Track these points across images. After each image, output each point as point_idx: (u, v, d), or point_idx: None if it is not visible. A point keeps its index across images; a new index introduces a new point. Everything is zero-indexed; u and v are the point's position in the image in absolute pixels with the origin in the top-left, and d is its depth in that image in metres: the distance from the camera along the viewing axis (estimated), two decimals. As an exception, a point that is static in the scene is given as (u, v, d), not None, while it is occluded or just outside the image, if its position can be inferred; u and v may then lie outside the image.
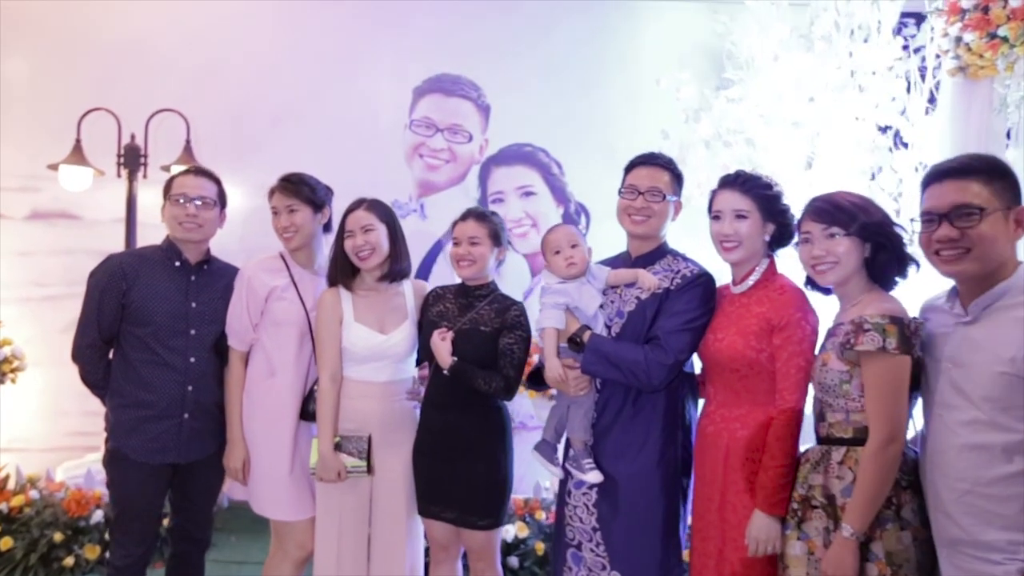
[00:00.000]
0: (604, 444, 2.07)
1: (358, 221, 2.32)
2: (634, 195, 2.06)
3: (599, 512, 2.06)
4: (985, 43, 2.69)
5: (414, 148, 4.38)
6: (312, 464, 2.25)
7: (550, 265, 2.14)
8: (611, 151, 4.33)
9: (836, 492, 1.64)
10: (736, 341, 1.86)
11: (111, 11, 4.18)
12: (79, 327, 2.28)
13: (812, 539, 1.69)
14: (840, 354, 1.66)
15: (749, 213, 1.88)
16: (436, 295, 2.41)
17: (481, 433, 2.26)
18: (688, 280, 2.00)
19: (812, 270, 1.76)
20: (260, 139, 4.33)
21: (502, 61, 4.36)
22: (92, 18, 4.17)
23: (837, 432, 1.68)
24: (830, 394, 1.69)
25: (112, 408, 2.29)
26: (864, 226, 1.69)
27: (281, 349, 2.36)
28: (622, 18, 4.37)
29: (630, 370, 1.96)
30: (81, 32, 4.17)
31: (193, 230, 2.33)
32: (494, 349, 2.24)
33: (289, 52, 4.32)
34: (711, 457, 1.92)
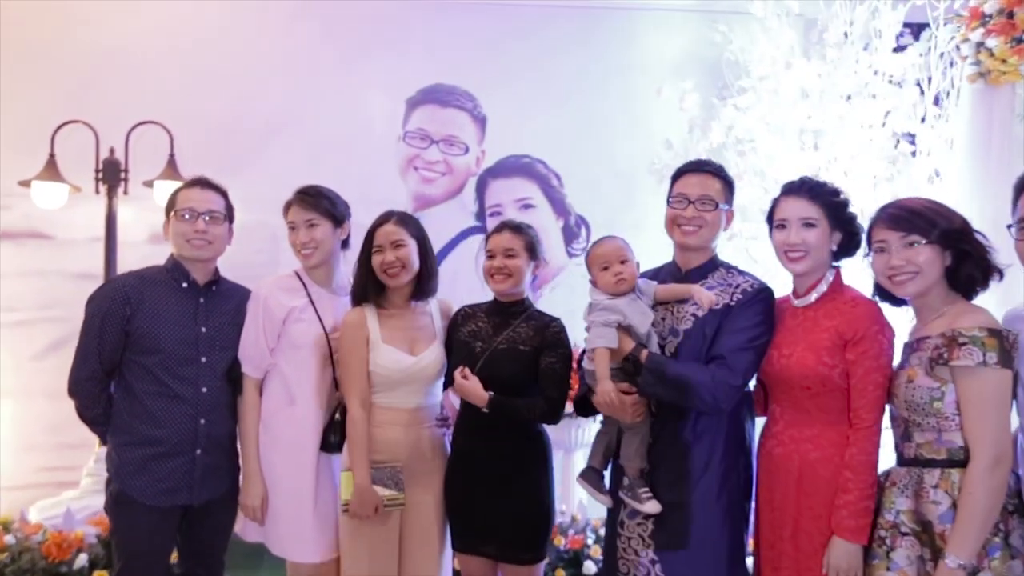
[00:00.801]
0: (661, 471, 1.94)
1: (388, 236, 2.17)
2: (684, 204, 1.95)
3: (656, 544, 1.93)
4: (1010, 48, 2.67)
5: (408, 160, 4.23)
6: (344, 499, 2.08)
7: (596, 281, 2.01)
8: (611, 162, 4.28)
9: (933, 518, 1.54)
10: (807, 357, 1.75)
11: (87, 18, 3.95)
12: (77, 358, 2.07)
13: (903, 569, 1.58)
14: (929, 369, 1.57)
15: (817, 221, 1.78)
16: (465, 314, 2.26)
17: (523, 461, 2.12)
18: (750, 295, 1.89)
19: (889, 281, 1.67)
20: (247, 153, 4.13)
21: (497, 71, 4.25)
22: (67, 25, 3.93)
23: (927, 453, 1.59)
24: (918, 413, 1.59)
25: (116, 447, 2.08)
26: (945, 233, 1.61)
27: (301, 375, 2.19)
28: (619, 27, 4.30)
29: (695, 392, 1.84)
30: (55, 40, 3.92)
31: (203, 247, 2.14)
32: (534, 369, 2.11)
33: (276, 63, 4.14)
34: (781, 481, 1.81)
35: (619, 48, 4.31)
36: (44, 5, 3.91)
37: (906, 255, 1.63)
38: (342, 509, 2.09)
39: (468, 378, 2.09)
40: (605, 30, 4.30)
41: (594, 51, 4.30)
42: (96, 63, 3.92)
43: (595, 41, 4.30)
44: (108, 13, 3.96)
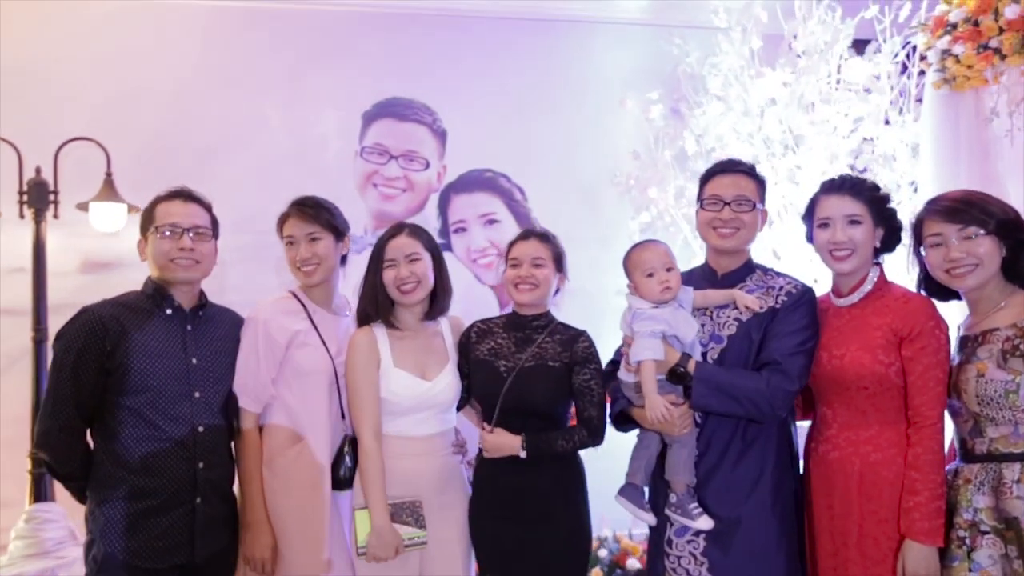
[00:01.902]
0: (710, 485, 1.86)
1: (402, 249, 2.00)
2: (719, 206, 1.89)
3: (710, 561, 1.83)
4: (976, 54, 2.78)
5: (367, 177, 4.02)
6: (361, 542, 1.87)
7: (639, 288, 1.91)
8: (573, 175, 4.22)
9: (1019, 514, 1.52)
10: (862, 357, 1.71)
11: (5, 26, 3.56)
12: (46, 406, 1.78)
13: (987, 569, 1.55)
14: (1002, 362, 1.56)
15: (862, 218, 1.76)
16: (480, 330, 2.11)
17: (559, 489, 1.98)
18: (795, 297, 1.84)
19: (947, 275, 1.66)
20: (190, 171, 3.78)
21: (456, 84, 4.13)
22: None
23: (1003, 447, 1.57)
24: (992, 407, 1.57)
25: (99, 503, 1.78)
26: (1002, 223, 1.61)
27: (309, 405, 1.97)
28: (578, 40, 4.27)
29: (750, 400, 1.76)
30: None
31: (190, 267, 1.90)
32: (566, 386, 1.98)
33: (221, 74, 3.86)
34: (840, 486, 1.75)
35: (578, 61, 4.28)
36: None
37: (966, 247, 1.62)
38: (359, 552, 1.88)
39: (494, 432, 1.94)
40: (564, 43, 4.26)
41: (553, 64, 4.25)
42: (17, 79, 3.54)
43: (554, 54, 4.25)
44: (30, 21, 3.59)
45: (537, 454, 1.91)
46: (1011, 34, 2.64)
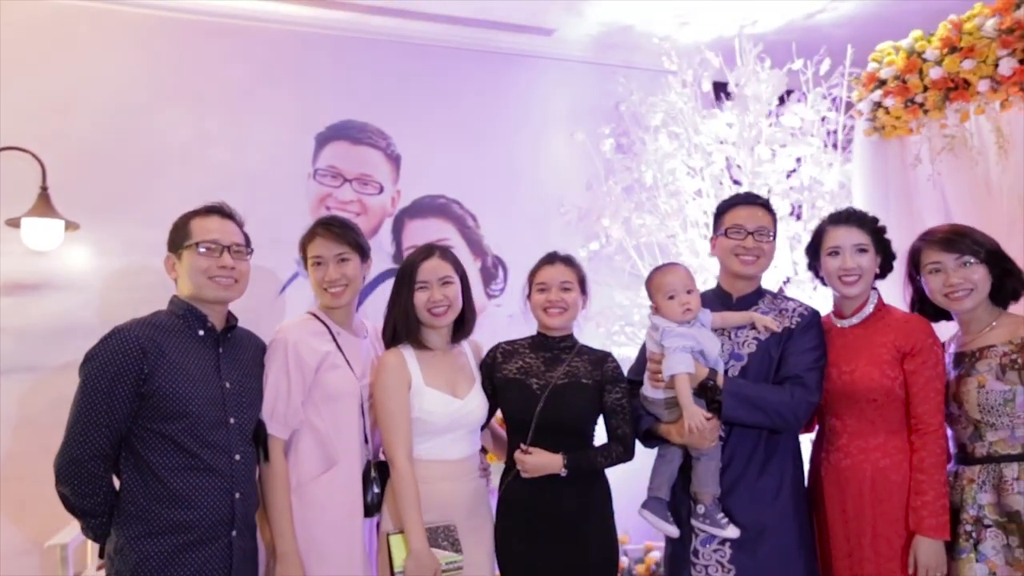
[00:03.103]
0: (734, 494, 1.98)
1: (435, 272, 2.00)
2: (743, 234, 2.04)
3: (737, 568, 1.94)
4: (904, 108, 3.16)
5: (320, 199, 3.93)
6: (399, 567, 1.83)
7: (661, 310, 2.02)
8: (523, 204, 4.33)
9: (1019, 508, 1.73)
10: (871, 371, 1.90)
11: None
12: (74, 435, 1.63)
13: (991, 559, 1.75)
14: (1000, 375, 1.78)
15: (868, 247, 1.96)
16: (506, 351, 2.15)
17: (588, 508, 2.03)
18: (807, 318, 2.02)
19: (946, 298, 1.88)
20: (133, 188, 3.60)
21: (409, 110, 4.14)
22: None
23: (1002, 449, 1.79)
24: (992, 414, 1.79)
25: (131, 540, 1.64)
26: (990, 253, 1.85)
27: (341, 430, 1.93)
28: (528, 73, 4.42)
29: (776, 411, 1.90)
30: None
31: (230, 286, 1.82)
32: (597, 403, 2.04)
33: (167, 88, 3.67)
34: (853, 491, 1.92)
35: (529, 94, 4.42)
36: None
37: (963, 274, 1.85)
38: (396, 581, 1.84)
39: (530, 452, 1.97)
40: (515, 76, 4.39)
41: (504, 95, 4.37)
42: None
43: (505, 86, 4.37)
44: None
45: (577, 471, 1.96)
46: (934, 92, 3.03)
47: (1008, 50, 2.74)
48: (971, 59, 2.84)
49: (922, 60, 3.03)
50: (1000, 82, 2.81)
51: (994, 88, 2.85)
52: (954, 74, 2.92)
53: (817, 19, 4.15)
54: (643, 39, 4.36)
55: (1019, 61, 2.74)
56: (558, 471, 1.95)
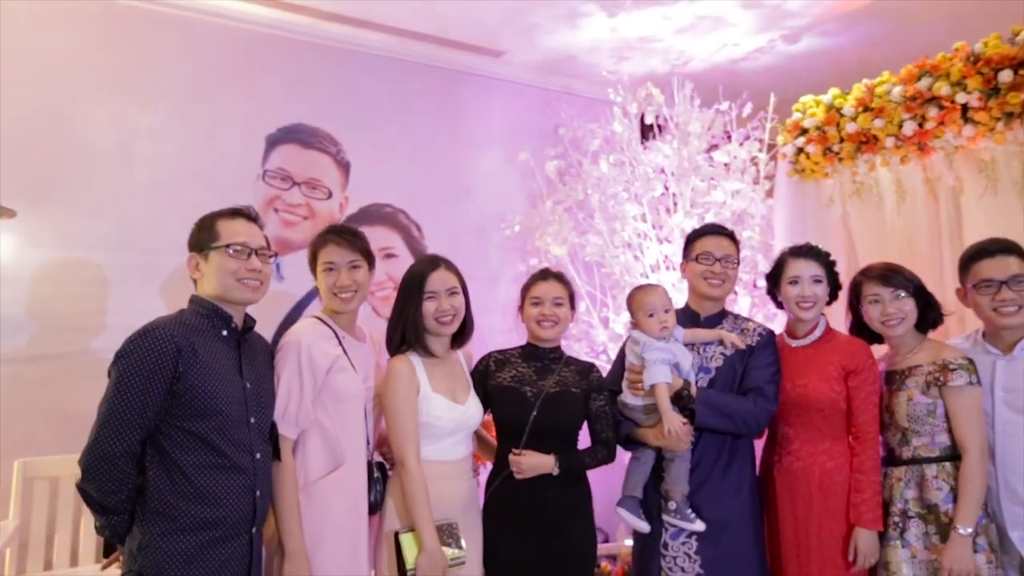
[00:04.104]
0: (702, 493, 2.21)
1: (443, 283, 2.12)
2: (711, 260, 2.30)
3: (702, 558, 2.18)
4: (823, 155, 3.60)
5: (268, 201, 3.90)
6: (411, 564, 1.92)
7: (641, 325, 2.24)
8: (467, 216, 4.48)
9: (937, 501, 2.06)
10: (821, 386, 2.20)
11: None
12: (107, 429, 1.61)
13: (913, 545, 2.08)
14: (925, 390, 2.12)
15: (822, 278, 2.27)
16: (498, 360, 2.29)
17: (574, 504, 2.21)
18: (766, 338, 2.30)
19: (883, 325, 2.21)
20: (72, 180, 3.45)
21: (360, 118, 4.20)
22: None
23: (924, 452, 2.12)
24: (917, 423, 2.13)
25: (157, 536, 1.64)
26: (917, 288, 2.20)
27: (348, 431, 2.00)
28: (476, 92, 4.58)
29: (742, 419, 2.16)
30: None
31: (257, 289, 1.85)
32: (584, 410, 2.23)
33: (112, 79, 3.54)
34: (802, 490, 2.21)
35: (475, 111, 4.58)
36: None
37: (897, 305, 2.18)
38: (407, 574, 1.93)
39: (523, 454, 2.11)
40: (464, 92, 4.54)
41: (453, 110, 4.51)
42: None
43: (454, 101, 4.51)
44: None
45: (568, 472, 2.13)
46: (848, 144, 3.47)
47: (911, 114, 3.19)
48: (881, 119, 3.28)
49: (840, 115, 3.46)
50: (903, 140, 3.27)
51: (897, 145, 3.31)
52: (866, 130, 3.37)
53: (740, 65, 4.59)
54: (585, 68, 4.65)
55: (919, 124, 3.20)
56: (550, 471, 2.11)
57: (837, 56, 4.42)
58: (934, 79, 3.11)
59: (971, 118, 3.03)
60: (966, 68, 3.01)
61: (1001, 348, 2.15)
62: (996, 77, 2.92)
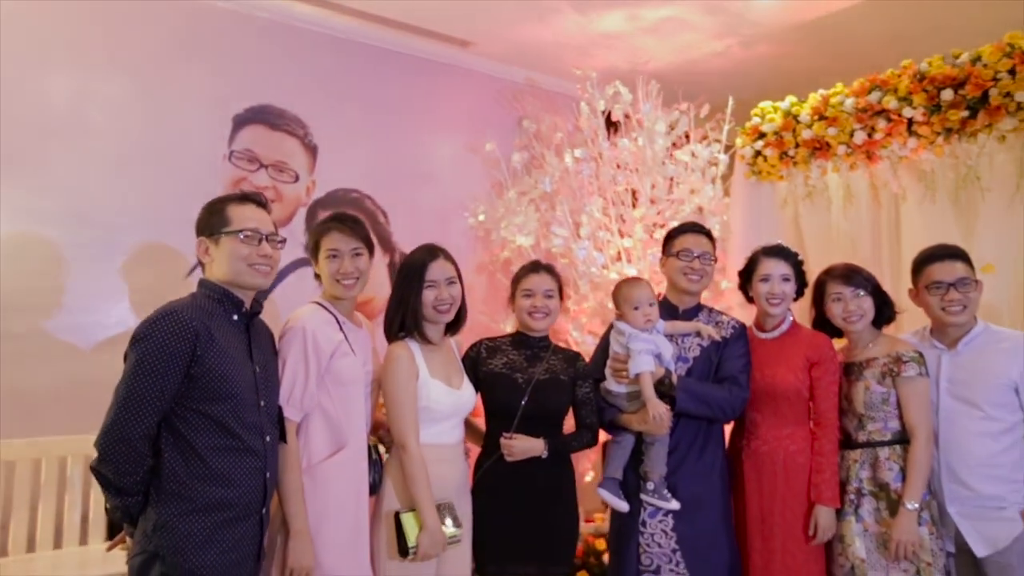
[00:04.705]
0: (679, 473, 2.37)
1: (444, 273, 2.19)
2: (690, 258, 2.45)
3: (679, 534, 2.34)
4: (779, 159, 3.81)
5: (234, 183, 3.84)
6: (412, 542, 2.00)
7: (627, 318, 2.37)
8: (432, 204, 4.53)
9: (888, 480, 2.28)
10: (788, 376, 2.39)
11: None
12: (126, 414, 1.62)
13: (865, 520, 2.29)
14: (880, 380, 2.33)
15: (791, 276, 2.45)
16: (489, 347, 2.38)
17: (560, 481, 2.32)
18: (738, 330, 2.47)
19: (844, 321, 2.41)
20: (24, 153, 3.32)
21: (328, 102, 4.17)
22: None
23: (877, 437, 2.33)
24: (873, 410, 2.33)
25: (174, 516, 1.66)
26: (875, 287, 2.41)
27: (350, 414, 2.05)
28: (443, 81, 4.61)
29: (718, 405, 2.32)
30: None
31: (267, 274, 1.88)
32: (572, 396, 2.35)
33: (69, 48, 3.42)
34: (768, 472, 2.39)
35: (442, 100, 4.61)
36: None
37: (857, 303, 2.38)
38: (409, 552, 2.01)
39: (514, 438, 2.21)
40: (431, 80, 4.57)
41: (420, 98, 4.53)
42: None
43: (421, 89, 4.53)
44: None
45: (556, 454, 2.24)
46: (803, 149, 3.70)
47: (862, 125, 3.43)
48: (834, 127, 3.51)
49: (796, 121, 3.68)
50: (853, 148, 3.52)
51: (848, 152, 3.55)
52: (820, 137, 3.60)
53: (697, 67, 4.78)
54: (550, 62, 4.74)
55: (868, 134, 3.44)
56: (540, 454, 2.22)
57: (787, 64, 4.67)
58: (883, 93, 3.35)
59: (915, 131, 3.29)
60: (912, 85, 3.25)
61: (947, 343, 2.38)
62: (939, 95, 3.17)
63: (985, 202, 3.24)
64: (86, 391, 3.31)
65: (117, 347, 3.35)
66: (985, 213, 3.24)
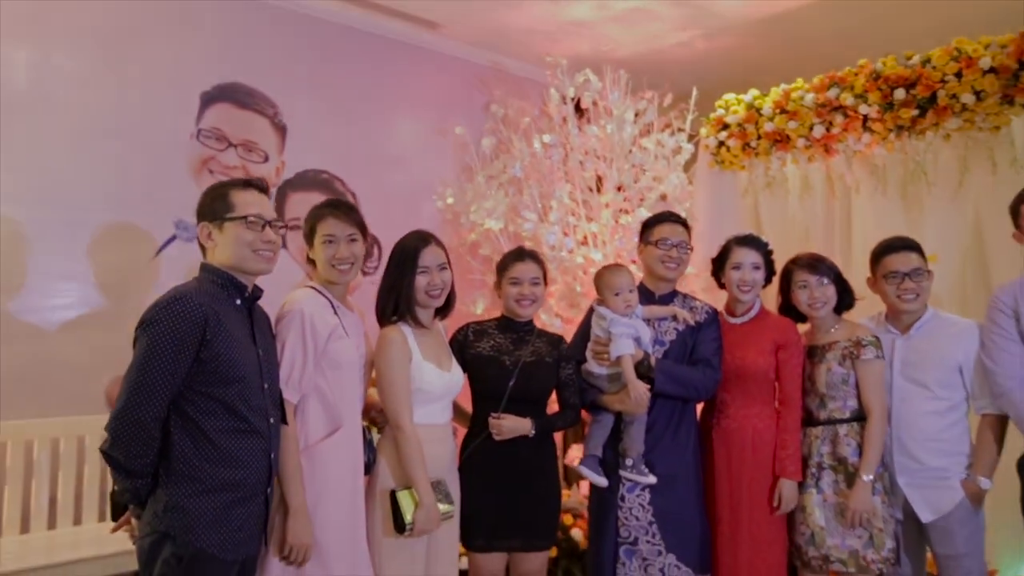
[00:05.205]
0: (656, 451, 2.50)
1: (436, 258, 2.24)
2: (668, 246, 2.57)
3: (655, 508, 2.48)
4: (741, 150, 3.97)
5: (203, 162, 3.79)
6: (408, 519, 2.08)
7: (608, 303, 2.47)
8: (400, 187, 4.55)
9: (846, 455, 2.46)
10: (758, 358, 2.54)
11: None
12: (138, 397, 1.63)
13: (825, 491, 2.47)
14: (841, 362, 2.50)
15: (761, 265, 2.59)
16: (477, 330, 2.46)
17: (543, 458, 2.43)
18: (711, 315, 2.60)
19: (809, 307, 2.57)
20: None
21: (298, 82, 4.13)
22: None
23: (837, 415, 2.51)
24: (833, 390, 2.51)
25: (184, 497, 1.69)
26: (837, 276, 2.58)
27: (346, 396, 2.10)
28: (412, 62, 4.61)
29: (693, 386, 2.46)
30: None
31: (271, 260, 1.90)
32: (556, 377, 2.45)
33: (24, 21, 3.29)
34: (737, 448, 2.55)
35: (411, 81, 4.61)
36: None
37: (821, 290, 2.55)
38: (405, 528, 2.08)
39: (502, 418, 2.30)
40: (400, 62, 4.56)
41: (389, 79, 4.52)
42: None
43: (390, 70, 4.52)
44: None
45: (542, 433, 2.34)
46: (765, 141, 3.87)
47: (821, 119, 3.61)
48: (795, 121, 3.69)
49: (759, 114, 3.84)
50: (812, 141, 3.70)
51: (807, 145, 3.73)
52: (781, 130, 3.76)
53: (661, 56, 4.90)
54: (518, 47, 4.79)
55: (826, 129, 3.63)
56: (527, 433, 2.32)
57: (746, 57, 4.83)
58: (841, 90, 3.53)
59: (870, 127, 3.48)
60: (868, 84, 3.44)
61: (900, 329, 2.57)
62: (892, 94, 3.37)
63: (931, 196, 3.47)
64: (50, 373, 3.26)
65: (82, 329, 3.37)
66: (930, 206, 3.48)
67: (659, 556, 2.46)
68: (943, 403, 2.46)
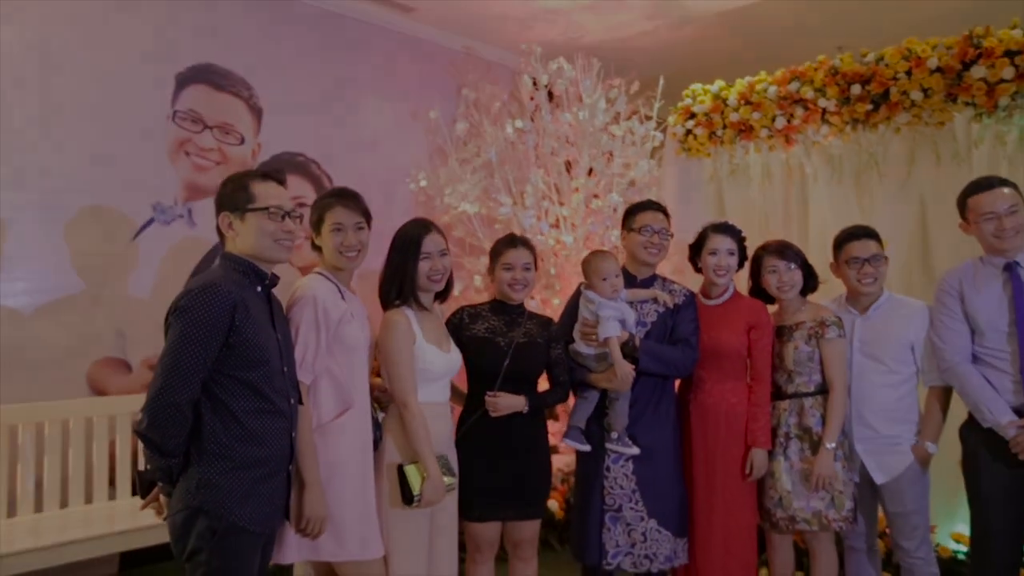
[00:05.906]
0: (638, 424, 2.68)
1: (437, 245, 2.35)
2: (650, 233, 2.73)
3: (638, 477, 2.66)
4: (708, 138, 4.17)
5: (179, 144, 3.78)
6: (416, 491, 2.20)
7: (595, 288, 2.62)
8: (375, 171, 4.60)
9: (811, 425, 2.68)
10: (732, 338, 2.74)
11: None
12: (172, 378, 1.71)
13: (792, 459, 2.70)
14: (807, 340, 2.72)
15: (735, 251, 2.78)
16: (471, 313, 2.58)
17: (537, 433, 2.59)
18: (689, 298, 2.78)
19: (778, 291, 2.77)
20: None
21: (273, 64, 4.13)
22: None
23: (803, 389, 2.73)
24: (800, 366, 2.72)
25: (217, 474, 1.77)
26: (803, 261, 2.79)
27: (355, 377, 2.20)
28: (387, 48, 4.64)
29: (674, 364, 2.65)
30: None
31: (290, 249, 1.98)
32: (547, 357, 2.60)
33: (9, -5, 3.23)
34: (712, 422, 2.75)
35: (384, 65, 4.65)
36: None
37: (789, 275, 2.75)
38: (413, 500, 2.21)
39: (498, 396, 2.43)
40: (374, 45, 4.59)
41: (363, 63, 4.55)
42: None
43: (364, 53, 4.55)
44: None
45: (535, 410, 2.49)
46: (730, 130, 4.06)
47: (782, 111, 3.82)
48: (759, 112, 3.89)
49: (724, 104, 4.03)
50: (773, 132, 3.91)
51: (769, 135, 3.94)
52: (746, 120, 3.96)
53: (627, 44, 5.05)
54: (491, 33, 4.87)
55: (787, 120, 3.84)
56: (521, 409, 2.46)
57: (708, 47, 5.02)
58: (802, 84, 3.75)
59: (828, 120, 3.71)
60: (827, 79, 3.66)
61: (859, 310, 2.81)
62: (849, 89, 3.60)
63: (881, 185, 3.73)
64: (28, 358, 3.25)
65: (60, 312, 3.36)
66: (881, 195, 3.73)
67: (641, 521, 2.65)
68: (896, 377, 2.70)
